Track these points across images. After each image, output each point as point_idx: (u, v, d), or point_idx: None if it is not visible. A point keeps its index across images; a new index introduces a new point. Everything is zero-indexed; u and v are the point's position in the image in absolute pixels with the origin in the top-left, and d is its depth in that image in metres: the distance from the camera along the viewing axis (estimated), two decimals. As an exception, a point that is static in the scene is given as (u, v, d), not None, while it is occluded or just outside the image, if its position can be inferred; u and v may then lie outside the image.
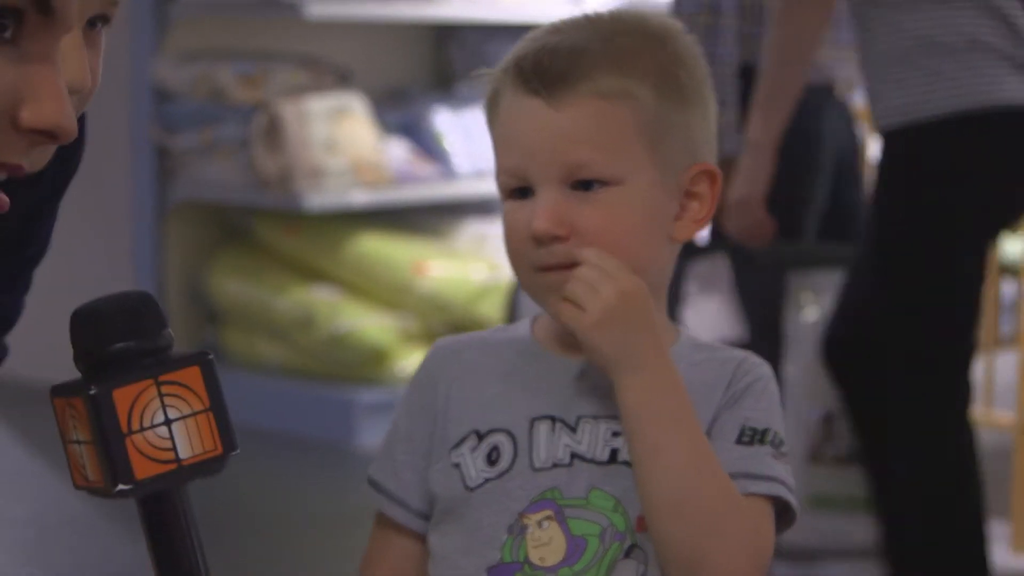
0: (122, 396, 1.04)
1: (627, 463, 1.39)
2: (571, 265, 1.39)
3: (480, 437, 1.42)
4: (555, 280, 1.39)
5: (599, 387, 1.41)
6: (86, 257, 4.88)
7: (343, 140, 4.75)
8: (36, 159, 1.38)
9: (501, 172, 1.44)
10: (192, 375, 1.07)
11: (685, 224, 1.44)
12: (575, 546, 1.39)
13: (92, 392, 1.04)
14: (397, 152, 4.91)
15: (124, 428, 1.04)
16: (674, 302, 3.46)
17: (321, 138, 4.71)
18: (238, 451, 1.09)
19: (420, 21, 5.04)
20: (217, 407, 1.08)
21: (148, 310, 1.10)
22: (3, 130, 1.05)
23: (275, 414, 4.67)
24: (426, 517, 1.45)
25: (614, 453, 1.40)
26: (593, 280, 1.37)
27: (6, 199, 1.08)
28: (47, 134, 1.07)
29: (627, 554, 1.39)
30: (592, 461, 1.40)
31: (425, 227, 4.94)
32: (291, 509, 4.06)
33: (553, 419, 1.42)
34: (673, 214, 1.44)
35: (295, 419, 4.62)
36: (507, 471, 1.40)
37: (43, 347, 4.74)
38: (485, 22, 5.10)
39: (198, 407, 1.07)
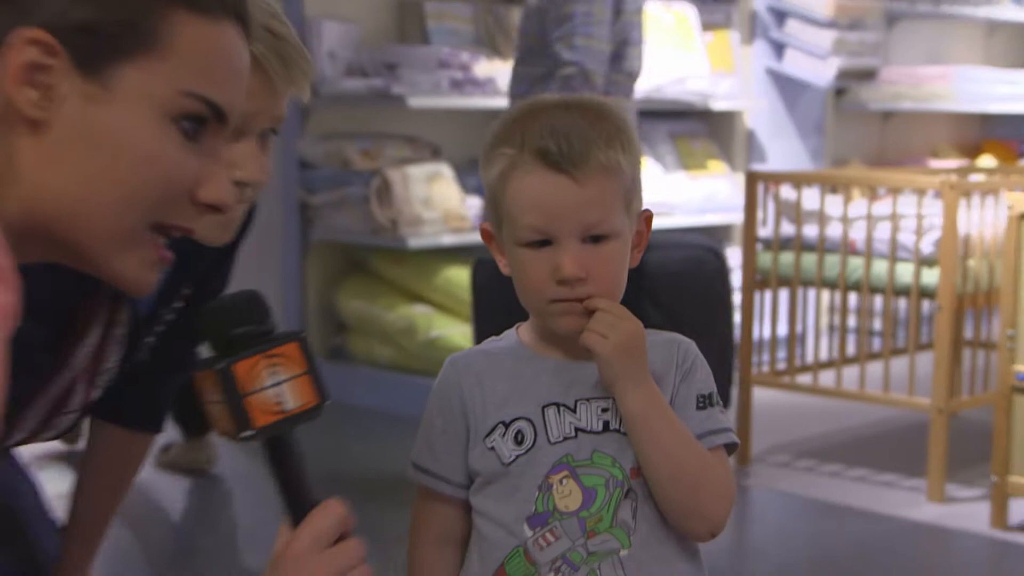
0: (241, 368, 1.08)
1: (617, 430, 1.42)
2: (583, 299, 1.40)
3: (506, 426, 1.42)
4: (568, 308, 1.41)
5: (583, 376, 1.43)
6: (249, 283, 4.95)
7: (436, 197, 4.78)
8: (224, 231, 1.44)
9: (524, 228, 1.40)
10: (292, 349, 1.09)
11: (635, 256, 1.46)
12: (588, 495, 1.40)
13: (220, 367, 1.08)
14: (475, 206, 4.94)
15: (242, 391, 1.07)
16: None
17: (420, 196, 4.74)
18: (330, 400, 1.10)
19: (491, 108, 5.09)
20: (312, 370, 1.10)
21: (258, 304, 1.13)
22: (183, 202, 1.07)
23: (386, 399, 4.71)
24: (464, 487, 1.44)
25: (605, 424, 1.42)
26: (613, 318, 1.39)
27: (171, 255, 1.10)
28: (213, 207, 1.09)
29: (626, 495, 1.41)
30: (591, 432, 1.41)
31: (496, 261, 4.95)
32: (397, 468, 4.10)
33: (557, 404, 1.42)
34: (631, 249, 1.45)
35: (401, 402, 4.64)
36: (531, 447, 1.41)
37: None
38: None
39: (298, 371, 1.09)
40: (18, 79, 1.00)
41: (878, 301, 4.66)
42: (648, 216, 1.47)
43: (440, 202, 4.77)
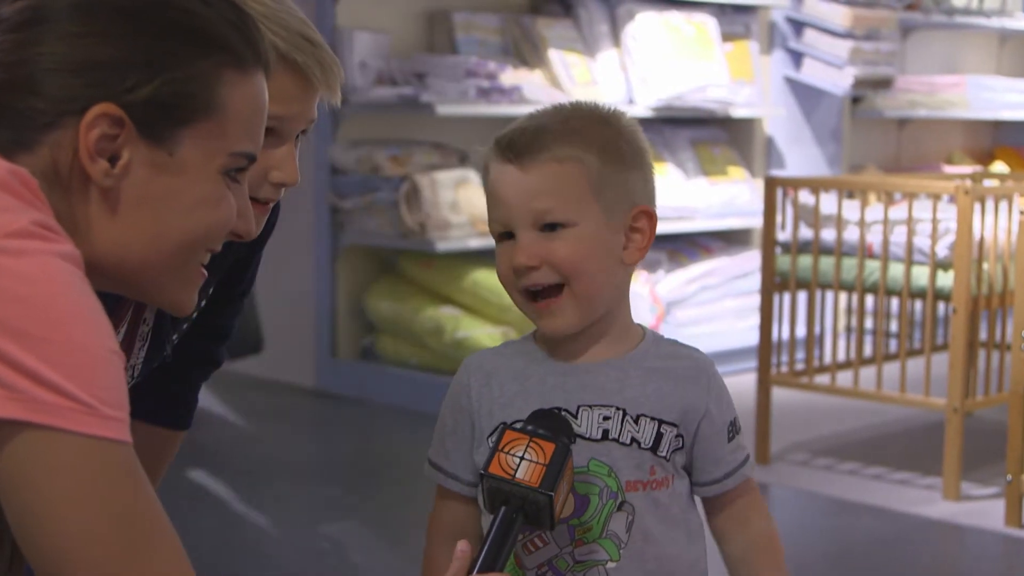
0: (509, 435, 1.29)
1: (616, 440, 1.36)
2: (550, 288, 1.36)
3: (507, 427, 1.35)
4: (543, 309, 1.37)
5: (589, 381, 1.39)
6: (282, 286, 4.96)
7: (463, 202, 4.77)
8: (254, 227, 1.48)
9: (491, 221, 1.40)
10: (549, 447, 1.28)
11: (631, 251, 1.40)
12: (581, 502, 1.36)
13: (564, 444, 1.28)
14: (501, 210, 4.95)
15: (499, 447, 1.29)
16: None
17: (448, 201, 4.74)
18: (551, 494, 1.25)
19: (517, 116, 5.06)
20: (550, 468, 1.27)
21: (568, 426, 1.33)
22: (224, 235, 1.16)
23: (414, 398, 4.70)
24: (474, 485, 1.41)
25: (605, 432, 1.37)
26: None
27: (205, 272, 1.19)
28: (242, 238, 1.21)
29: (619, 508, 1.36)
30: (589, 439, 1.36)
31: (521, 264, 4.95)
32: (424, 464, 4.08)
33: (559, 409, 1.37)
34: (621, 244, 1.39)
35: (429, 401, 4.62)
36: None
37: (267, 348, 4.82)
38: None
39: (541, 461, 1.27)
40: (92, 152, 1.05)
41: (894, 303, 4.62)
42: (645, 211, 1.41)
43: (467, 207, 4.76)
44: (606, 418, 1.37)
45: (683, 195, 5.43)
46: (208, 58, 1.08)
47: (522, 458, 1.26)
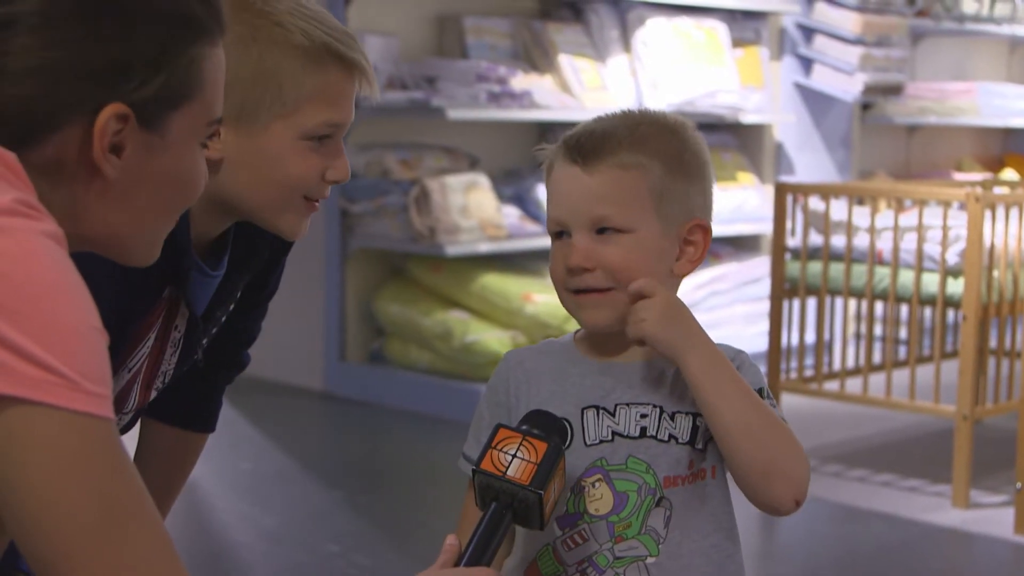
0: (503, 432, 1.30)
1: (654, 437, 1.37)
2: (598, 290, 1.38)
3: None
4: (585, 301, 1.39)
5: (625, 380, 1.40)
6: (291, 289, 4.94)
7: (473, 206, 4.77)
8: (305, 224, 1.54)
9: (549, 221, 1.42)
10: (541, 447, 1.28)
11: (683, 263, 1.42)
12: (620, 499, 1.37)
13: (557, 444, 1.29)
14: (511, 214, 4.93)
15: (492, 444, 1.29)
16: None
17: (457, 204, 4.74)
18: (542, 492, 1.26)
19: (527, 121, 5.07)
20: (540, 466, 1.27)
21: (562, 427, 1.33)
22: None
23: (423, 402, 4.70)
24: None
25: (643, 430, 1.38)
26: (644, 300, 1.35)
27: None
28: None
29: (657, 504, 1.37)
30: (628, 437, 1.37)
31: (531, 268, 4.96)
32: (432, 468, 4.10)
33: (597, 407, 1.39)
34: (674, 255, 1.41)
35: (437, 405, 4.64)
36: (567, 448, 1.36)
37: (269, 351, 4.82)
38: (573, 121, 5.10)
39: (532, 459, 1.28)
40: (105, 149, 1.07)
41: (904, 310, 4.61)
42: (701, 225, 1.42)
43: (477, 211, 4.75)
44: (643, 416, 1.38)
45: (693, 200, 5.42)
46: (194, 43, 1.10)
47: (514, 456, 1.27)
